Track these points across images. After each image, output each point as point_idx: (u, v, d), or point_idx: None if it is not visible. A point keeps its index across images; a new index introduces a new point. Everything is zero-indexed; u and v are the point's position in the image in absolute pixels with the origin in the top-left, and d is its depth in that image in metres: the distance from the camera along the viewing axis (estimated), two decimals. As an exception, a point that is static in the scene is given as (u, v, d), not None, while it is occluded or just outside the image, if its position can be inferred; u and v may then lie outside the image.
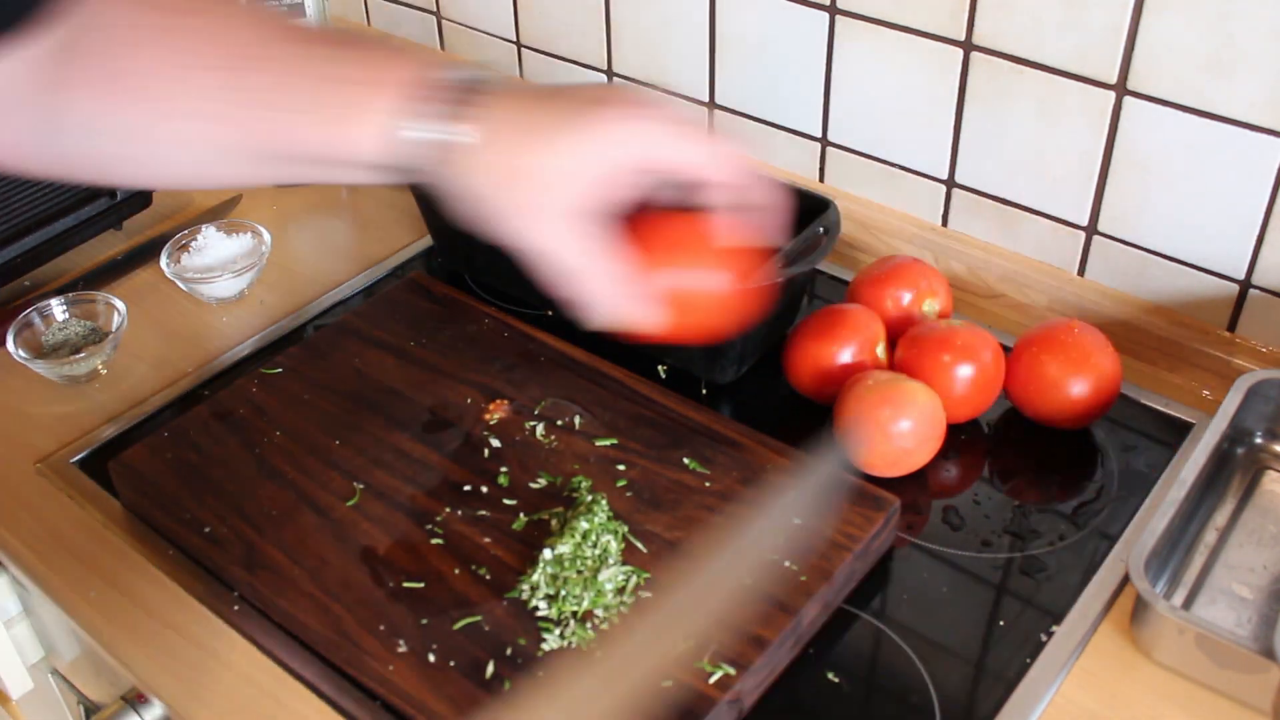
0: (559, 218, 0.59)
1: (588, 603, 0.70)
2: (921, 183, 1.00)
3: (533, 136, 0.58)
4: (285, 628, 0.73)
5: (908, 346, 0.85)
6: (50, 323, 0.97)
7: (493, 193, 0.59)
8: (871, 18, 0.95)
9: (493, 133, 0.58)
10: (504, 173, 0.58)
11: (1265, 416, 0.83)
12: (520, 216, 0.59)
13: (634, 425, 0.83)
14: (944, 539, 0.79)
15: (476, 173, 0.58)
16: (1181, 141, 0.84)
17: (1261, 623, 0.72)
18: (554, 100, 0.59)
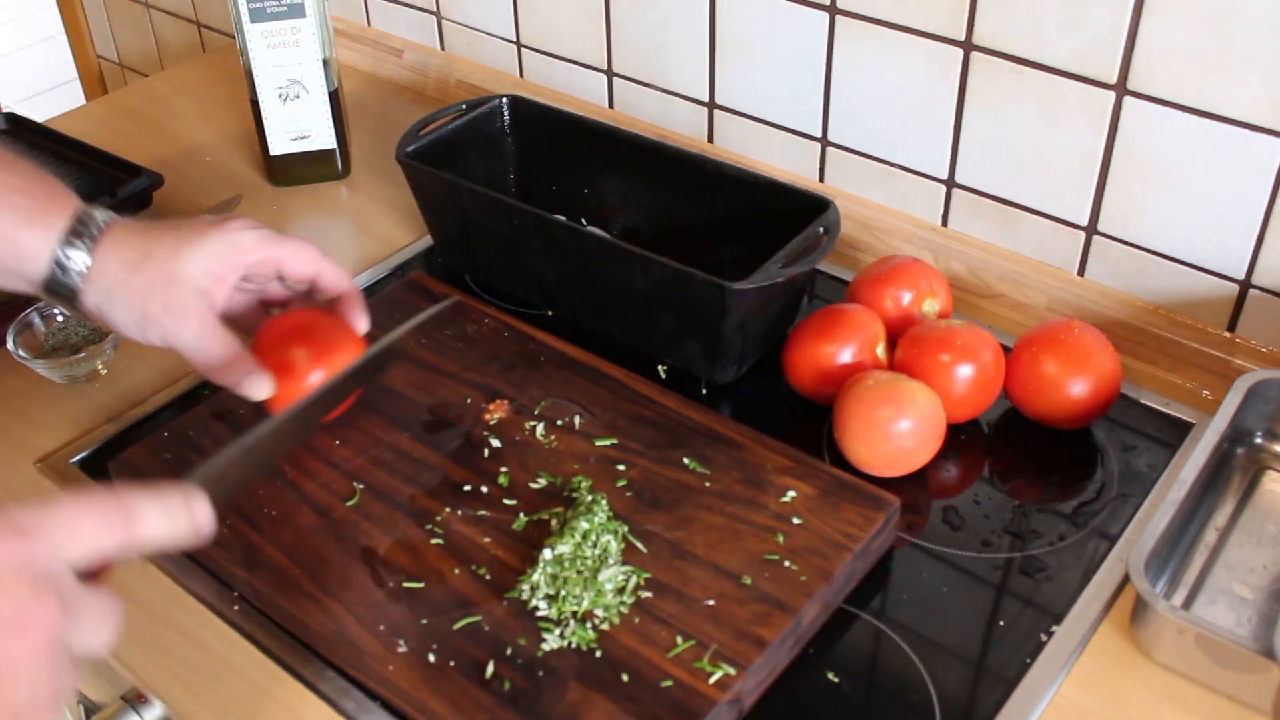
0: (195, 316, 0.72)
1: (588, 603, 0.70)
2: (921, 183, 1.00)
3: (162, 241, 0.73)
4: (285, 628, 0.73)
5: (908, 346, 0.85)
6: (50, 323, 0.97)
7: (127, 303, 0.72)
8: (871, 18, 0.95)
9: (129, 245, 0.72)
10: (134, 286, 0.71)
11: (1265, 416, 0.83)
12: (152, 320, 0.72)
13: (634, 425, 0.83)
14: (944, 539, 0.79)
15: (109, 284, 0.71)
16: (1181, 141, 0.84)
17: (1261, 623, 0.72)
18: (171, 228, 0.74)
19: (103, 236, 0.72)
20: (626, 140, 1.02)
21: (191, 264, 0.72)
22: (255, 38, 1.10)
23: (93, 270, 0.71)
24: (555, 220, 0.93)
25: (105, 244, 0.72)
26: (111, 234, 0.72)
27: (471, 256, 1.03)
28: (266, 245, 0.75)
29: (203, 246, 0.73)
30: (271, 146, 1.16)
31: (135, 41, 1.84)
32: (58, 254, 0.71)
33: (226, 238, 0.74)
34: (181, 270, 0.72)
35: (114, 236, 0.72)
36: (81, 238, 0.71)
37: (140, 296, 0.72)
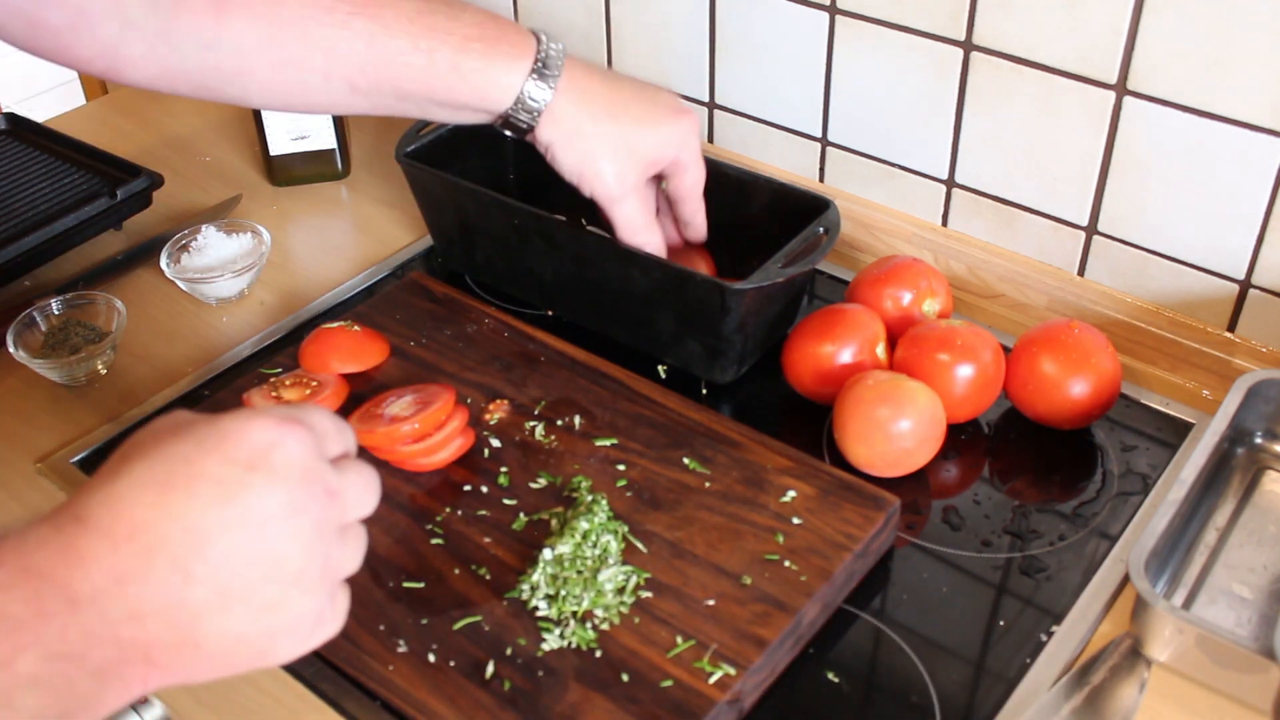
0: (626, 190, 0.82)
1: (588, 603, 0.70)
2: (921, 183, 1.00)
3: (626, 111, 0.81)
4: (285, 628, 0.73)
5: (908, 346, 0.85)
6: (50, 323, 0.97)
7: (579, 148, 0.80)
8: (871, 18, 0.95)
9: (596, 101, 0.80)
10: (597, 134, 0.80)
11: (1265, 416, 0.83)
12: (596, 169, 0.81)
13: (634, 425, 0.83)
14: (944, 539, 0.79)
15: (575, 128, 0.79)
16: (1181, 141, 0.84)
17: (1261, 623, 0.72)
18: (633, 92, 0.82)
19: (564, 75, 0.78)
20: (626, 140, 1.02)
21: (649, 143, 0.81)
22: (255, 38, 1.10)
23: (554, 111, 0.78)
24: (555, 220, 0.93)
25: (568, 83, 0.78)
26: (574, 74, 0.79)
27: (471, 256, 1.03)
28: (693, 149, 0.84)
29: (664, 128, 0.82)
30: (271, 146, 1.16)
31: (135, 41, 1.84)
32: (522, 93, 0.77)
33: (685, 129, 0.83)
34: (639, 144, 0.81)
35: (577, 78, 0.79)
36: (545, 76, 0.78)
37: (593, 153, 0.80)
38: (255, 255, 1.04)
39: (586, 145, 0.80)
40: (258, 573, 0.48)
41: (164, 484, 0.47)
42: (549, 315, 1.00)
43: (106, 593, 0.45)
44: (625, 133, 0.80)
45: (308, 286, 1.06)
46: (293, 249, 1.11)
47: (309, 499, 0.49)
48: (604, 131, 0.80)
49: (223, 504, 0.47)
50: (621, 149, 0.80)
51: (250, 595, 0.48)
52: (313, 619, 0.51)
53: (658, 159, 0.82)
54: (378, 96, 0.78)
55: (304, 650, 0.51)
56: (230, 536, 0.47)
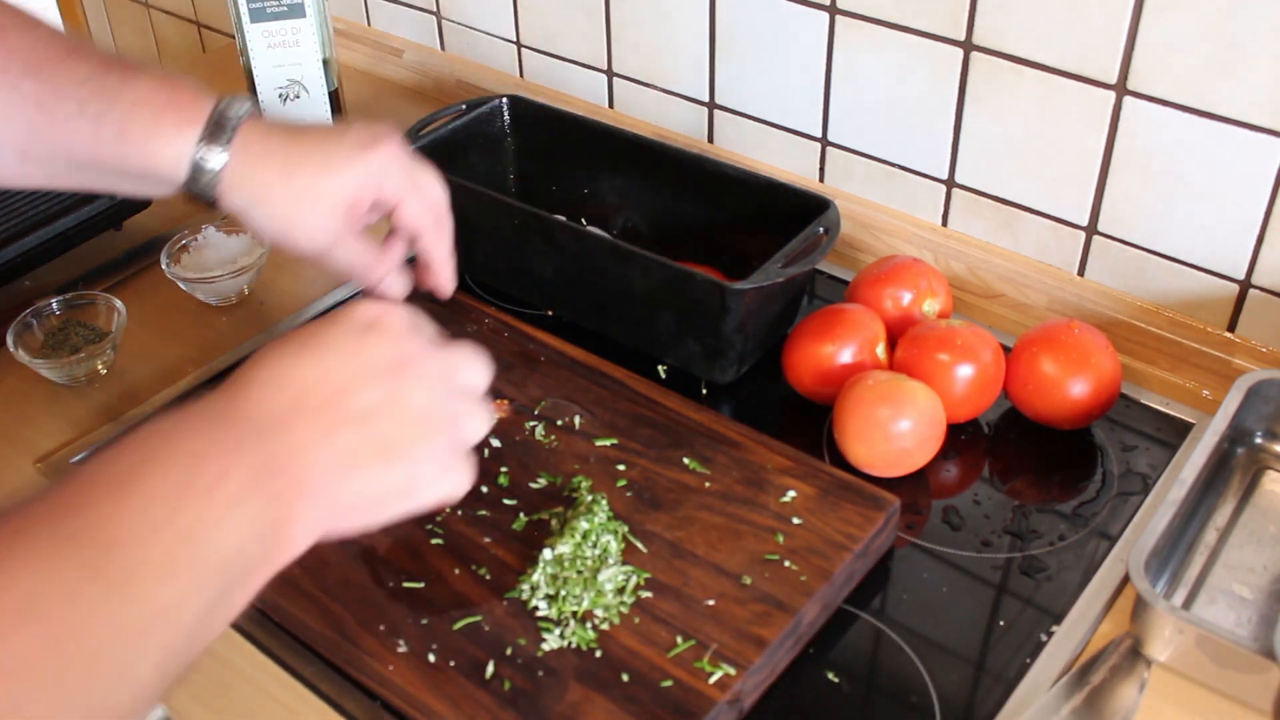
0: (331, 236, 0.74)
1: (588, 603, 0.70)
2: (921, 183, 1.00)
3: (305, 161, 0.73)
4: (285, 628, 0.73)
5: (908, 346, 0.85)
6: (50, 323, 0.97)
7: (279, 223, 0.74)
8: (871, 18, 0.95)
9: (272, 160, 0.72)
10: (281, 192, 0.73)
11: (1265, 416, 0.83)
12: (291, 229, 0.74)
13: (634, 425, 0.83)
14: (944, 539, 0.79)
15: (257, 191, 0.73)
16: (1181, 141, 0.84)
17: (1261, 623, 0.72)
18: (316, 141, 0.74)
19: (238, 138, 0.71)
20: (626, 140, 1.02)
21: (338, 186, 0.73)
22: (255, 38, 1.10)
23: (233, 175, 0.72)
24: (555, 220, 0.93)
25: (244, 145, 0.72)
26: (249, 136, 0.72)
27: (471, 256, 1.03)
28: (403, 174, 0.76)
29: (350, 169, 0.74)
30: (271, 146, 1.16)
31: (135, 41, 1.84)
32: (194, 159, 0.71)
33: (375, 169, 0.74)
34: (328, 191, 0.73)
35: (252, 140, 0.72)
36: (217, 142, 0.71)
37: (286, 210, 0.73)
38: (255, 255, 1.04)
39: (274, 207, 0.73)
40: (390, 416, 0.57)
41: (296, 354, 0.57)
42: (549, 315, 1.00)
43: (269, 432, 0.54)
44: (311, 184, 0.73)
45: (308, 286, 1.06)
46: (293, 249, 1.11)
47: (421, 351, 0.60)
48: (287, 188, 0.73)
49: (350, 357, 0.57)
50: (312, 201, 0.73)
51: (386, 436, 0.57)
52: (444, 459, 0.60)
53: (356, 199, 0.74)
54: (50, 165, 0.72)
55: (439, 496, 0.60)
56: (362, 386, 0.57)
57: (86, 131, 0.70)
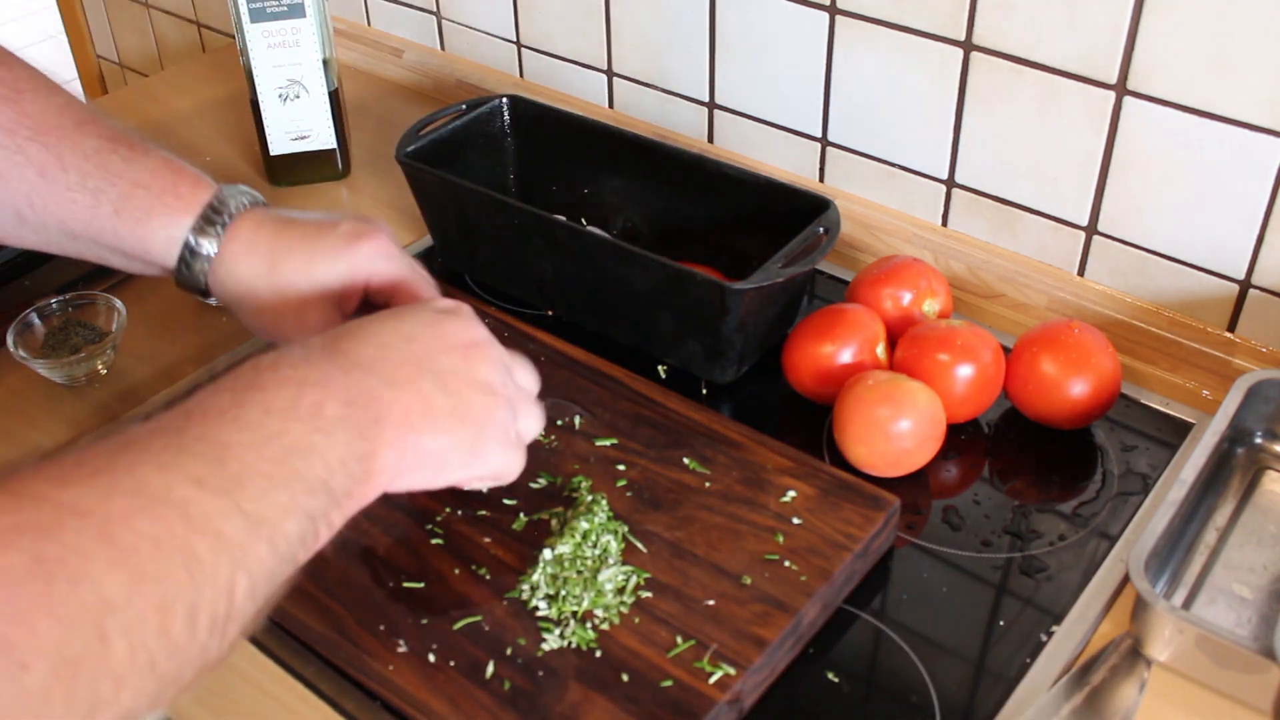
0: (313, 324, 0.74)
1: (588, 603, 0.70)
2: (921, 183, 1.00)
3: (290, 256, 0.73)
4: (285, 628, 0.73)
5: (908, 346, 0.85)
6: (50, 323, 0.97)
7: (265, 318, 0.75)
8: (871, 18, 0.95)
9: (259, 251, 0.73)
10: (266, 286, 0.73)
11: (1265, 416, 0.83)
12: (279, 326, 0.74)
13: (634, 425, 0.83)
14: (944, 539, 0.79)
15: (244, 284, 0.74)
16: (1181, 141, 0.84)
17: (1261, 623, 0.72)
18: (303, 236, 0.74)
19: (231, 229, 0.73)
20: (626, 140, 1.02)
21: (323, 281, 0.73)
22: (255, 38, 1.10)
23: (221, 267, 0.74)
24: (555, 220, 0.93)
25: (232, 239, 0.73)
26: (241, 227, 0.73)
27: (471, 256, 1.03)
28: (390, 268, 0.75)
29: (335, 266, 0.73)
30: (271, 146, 1.16)
31: (135, 41, 1.84)
32: (184, 247, 0.73)
33: (361, 263, 0.74)
34: (313, 285, 0.73)
35: (243, 232, 0.73)
36: (208, 231, 0.73)
37: (270, 306, 0.74)
38: (255, 255, 1.04)
39: (260, 300, 0.73)
40: (464, 382, 0.63)
41: (382, 319, 0.64)
42: (549, 315, 1.00)
43: (364, 367, 0.59)
44: (295, 279, 0.73)
45: (308, 286, 1.06)
46: (293, 249, 1.11)
47: (489, 339, 0.67)
48: (272, 282, 0.73)
49: (430, 327, 0.64)
50: (296, 296, 0.73)
51: (461, 396, 0.63)
52: (505, 434, 0.66)
53: (345, 292, 0.74)
54: (46, 232, 0.73)
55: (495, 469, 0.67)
56: (441, 352, 0.63)
57: (83, 205, 0.71)
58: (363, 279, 0.75)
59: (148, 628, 0.45)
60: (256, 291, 0.74)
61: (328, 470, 0.54)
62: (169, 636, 0.45)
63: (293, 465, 0.53)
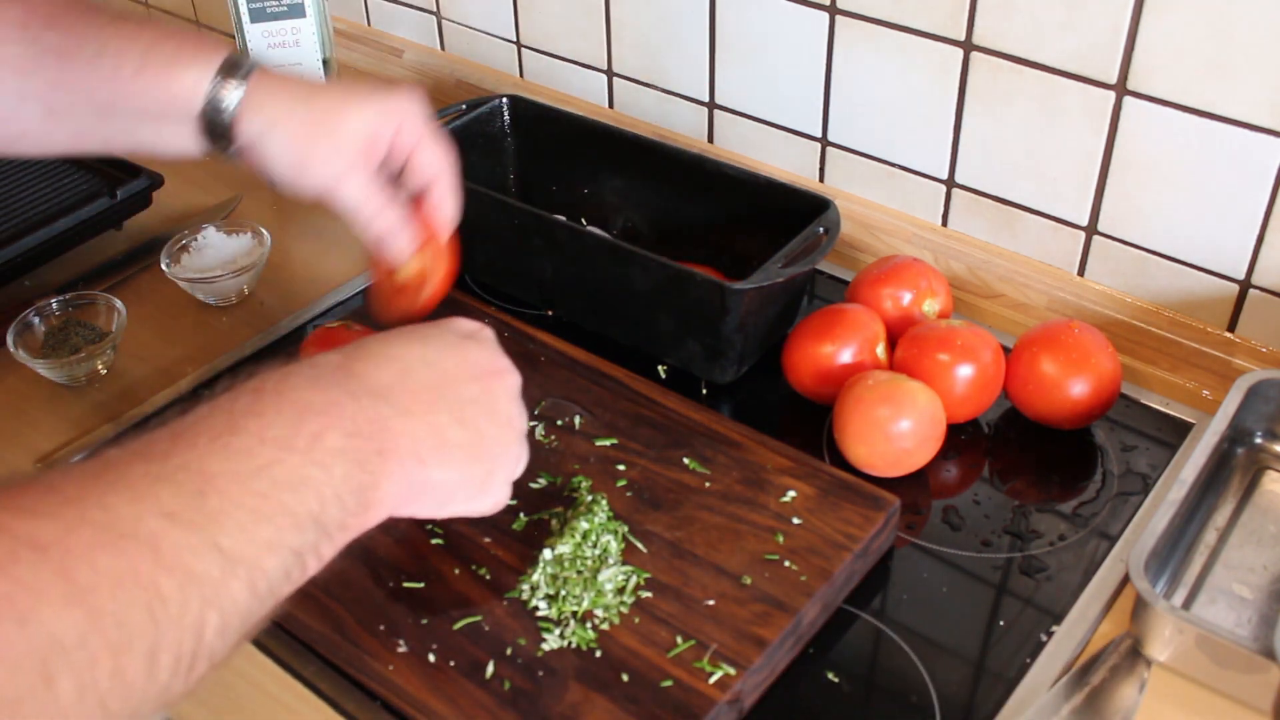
0: (346, 168, 0.74)
1: (588, 603, 0.70)
2: (921, 183, 1.00)
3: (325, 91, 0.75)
4: (285, 628, 0.73)
5: (908, 346, 0.85)
6: (50, 323, 0.97)
7: (295, 149, 0.73)
8: (871, 18, 0.95)
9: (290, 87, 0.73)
10: (301, 114, 0.73)
11: (1265, 416, 0.83)
12: (306, 154, 0.73)
13: (634, 425, 0.83)
14: (944, 539, 0.79)
15: (275, 114, 0.72)
16: (1181, 141, 0.84)
17: (1261, 623, 0.72)
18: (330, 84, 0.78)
19: (255, 74, 0.72)
20: (626, 140, 1.02)
21: (357, 118, 0.73)
22: (255, 38, 1.10)
23: (250, 103, 0.72)
24: (555, 220, 0.93)
25: (259, 81, 0.72)
26: (264, 74, 0.73)
27: (471, 256, 1.03)
28: (420, 122, 0.76)
29: (369, 105, 0.74)
30: (271, 146, 1.16)
31: (135, 41, 1.84)
32: (212, 87, 0.71)
33: (391, 102, 0.74)
34: (346, 122, 0.73)
35: (268, 76, 0.73)
36: (234, 75, 0.72)
37: (302, 137, 0.73)
38: (255, 255, 1.04)
39: (292, 131, 0.73)
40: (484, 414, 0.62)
41: (406, 340, 0.61)
42: (549, 315, 1.00)
43: (377, 395, 0.57)
44: (330, 110, 0.73)
45: (308, 286, 1.06)
46: (293, 249, 1.11)
47: (510, 367, 0.65)
48: (308, 112, 0.73)
49: (452, 352, 0.62)
50: (331, 127, 0.73)
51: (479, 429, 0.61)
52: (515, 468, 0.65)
53: (373, 135, 0.74)
54: (73, 117, 0.73)
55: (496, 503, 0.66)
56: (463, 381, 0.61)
57: (108, 70, 0.71)
58: (393, 125, 0.74)
59: (99, 669, 0.42)
60: (287, 121, 0.73)
61: (320, 504, 0.52)
62: (123, 677, 0.43)
63: (280, 499, 0.50)
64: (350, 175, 0.74)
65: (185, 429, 0.51)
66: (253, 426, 0.51)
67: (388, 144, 0.75)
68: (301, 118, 0.73)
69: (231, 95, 0.72)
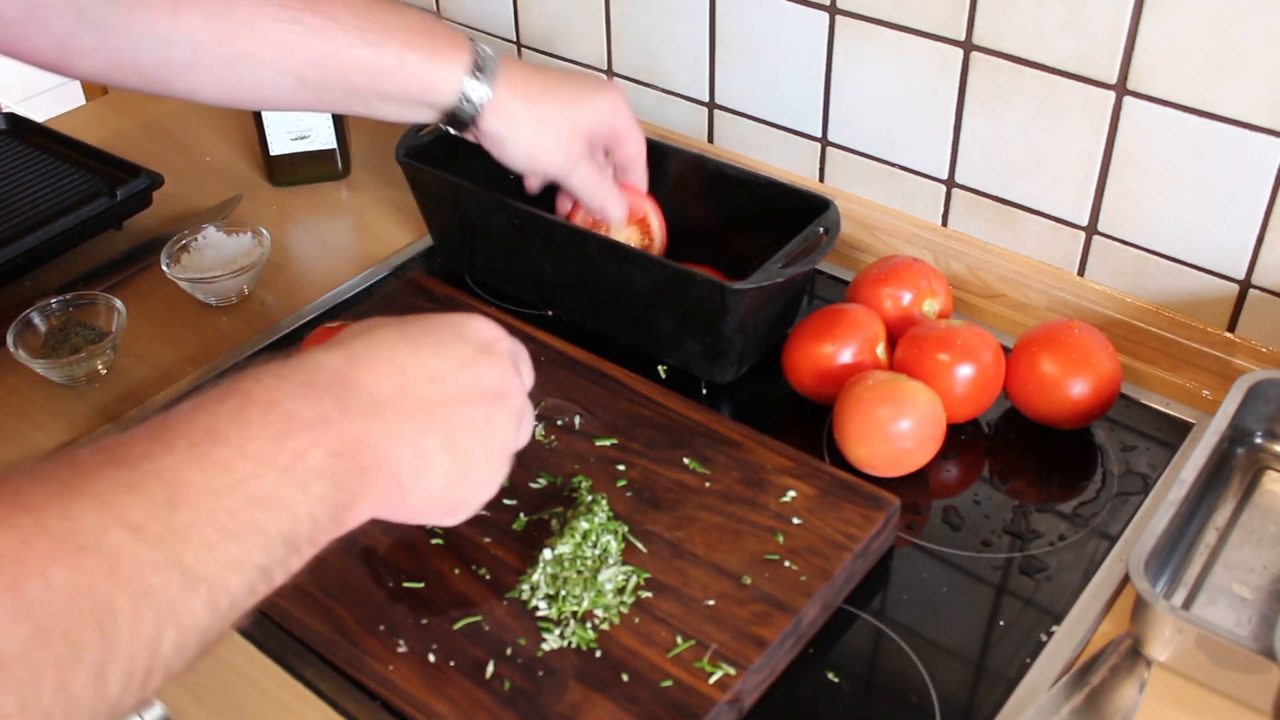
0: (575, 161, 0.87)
1: (588, 603, 0.70)
2: (921, 183, 1.00)
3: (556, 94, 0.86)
4: (285, 628, 0.73)
5: (908, 346, 0.85)
6: (50, 323, 0.97)
7: (527, 134, 0.85)
8: (871, 18, 0.95)
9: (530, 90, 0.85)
10: (535, 118, 0.85)
11: (1265, 416, 0.83)
12: (544, 148, 0.86)
13: (634, 425, 0.83)
14: (944, 539, 0.79)
15: (513, 118, 0.84)
16: (1181, 141, 0.84)
17: (1261, 623, 0.72)
18: (564, 76, 0.88)
19: (501, 75, 0.83)
20: (626, 140, 1.02)
21: (586, 114, 0.87)
22: (255, 38, 1.10)
23: (495, 104, 0.83)
24: (555, 220, 0.93)
25: (504, 78, 0.83)
26: (508, 69, 0.84)
27: (471, 256, 1.03)
28: (628, 117, 0.90)
29: (595, 101, 0.88)
30: (271, 146, 1.16)
31: (135, 41, 1.84)
32: (464, 87, 0.82)
33: (614, 100, 0.89)
34: (578, 117, 0.86)
35: (512, 72, 0.84)
36: (483, 74, 0.83)
37: (536, 133, 0.85)
38: (255, 255, 1.04)
39: (531, 131, 0.85)
40: (479, 440, 0.59)
41: (415, 345, 0.59)
42: (549, 315, 1.00)
43: (370, 412, 0.54)
44: (562, 110, 0.86)
45: (308, 286, 1.06)
46: (293, 249, 1.11)
47: (519, 390, 0.63)
48: (544, 113, 0.85)
49: (463, 368, 0.59)
50: (563, 126, 0.86)
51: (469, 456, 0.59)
52: (494, 486, 0.62)
53: (596, 129, 0.88)
54: (326, 91, 0.80)
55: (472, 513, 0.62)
56: (466, 401, 0.59)
57: (368, 58, 0.79)
58: (610, 123, 0.88)
59: (44, 684, 0.40)
60: (524, 124, 0.84)
61: (293, 523, 0.50)
62: (68, 692, 0.41)
63: (252, 517, 0.48)
64: (578, 166, 0.87)
65: (164, 430, 0.48)
66: (234, 437, 0.49)
67: (608, 131, 0.89)
68: (539, 121, 0.85)
69: (480, 94, 0.82)
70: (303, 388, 0.53)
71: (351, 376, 0.55)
